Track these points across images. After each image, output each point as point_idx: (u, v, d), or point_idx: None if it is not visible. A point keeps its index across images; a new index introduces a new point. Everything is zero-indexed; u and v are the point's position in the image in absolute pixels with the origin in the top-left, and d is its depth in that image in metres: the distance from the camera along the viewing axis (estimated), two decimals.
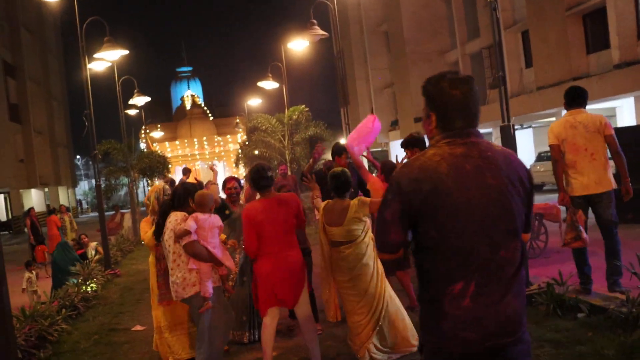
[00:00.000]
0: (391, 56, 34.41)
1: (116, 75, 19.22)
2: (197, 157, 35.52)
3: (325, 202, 5.41)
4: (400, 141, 6.77)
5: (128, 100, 21.44)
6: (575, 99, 6.17)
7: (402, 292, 6.46)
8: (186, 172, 15.01)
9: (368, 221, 5.28)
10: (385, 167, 6.86)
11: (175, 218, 4.98)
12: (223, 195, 7.31)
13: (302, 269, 5.17)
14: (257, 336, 6.30)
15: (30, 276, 10.20)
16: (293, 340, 6.17)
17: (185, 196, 5.14)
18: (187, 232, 4.82)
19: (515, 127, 34.24)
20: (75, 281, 9.79)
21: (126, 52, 12.60)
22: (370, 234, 5.33)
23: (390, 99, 35.84)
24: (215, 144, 35.17)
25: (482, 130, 13.42)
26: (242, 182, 7.95)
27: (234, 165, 21.74)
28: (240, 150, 24.02)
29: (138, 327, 7.61)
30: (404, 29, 31.35)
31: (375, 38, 36.70)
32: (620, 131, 12.69)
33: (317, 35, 13.05)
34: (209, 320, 4.92)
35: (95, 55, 12.85)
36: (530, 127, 30.84)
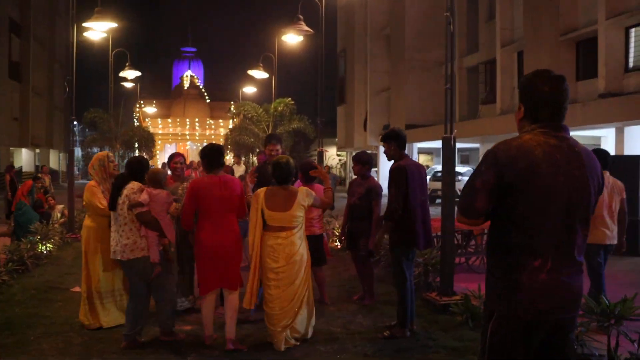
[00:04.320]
0: (391, 61, 34.64)
1: (110, 46, 19.50)
2: (187, 137, 35.81)
3: (265, 188, 5.57)
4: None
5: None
6: None
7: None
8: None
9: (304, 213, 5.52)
10: (304, 167, 6.82)
11: (131, 186, 5.40)
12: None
13: (235, 250, 5.41)
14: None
15: None
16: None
17: (141, 170, 5.61)
18: (141, 204, 5.26)
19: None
20: (32, 239, 10.05)
21: (115, 24, 12.86)
22: (304, 225, 5.59)
23: (385, 102, 36.07)
24: (207, 126, 35.41)
25: (468, 145, 13.76)
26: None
27: None
28: (228, 135, 24.26)
29: (77, 289, 7.84)
30: (406, 36, 31.57)
31: (378, 41, 36.89)
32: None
33: (303, 30, 13.32)
34: (160, 281, 5.45)
35: (84, 25, 13.09)
36: None
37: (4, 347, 5.39)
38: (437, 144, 31.85)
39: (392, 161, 5.96)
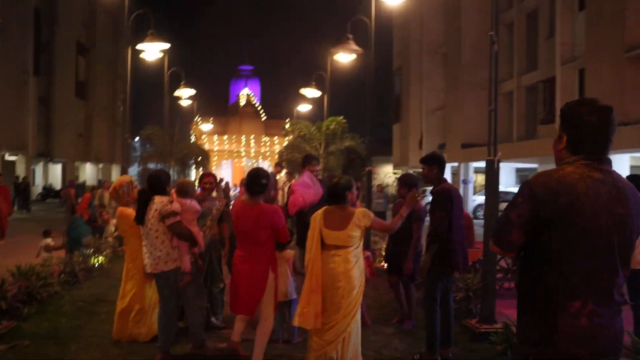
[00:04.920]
0: (447, 79, 34.31)
1: (166, 65, 20.04)
2: (243, 153, 36.51)
3: (324, 208, 5.55)
4: (446, 164, 6.87)
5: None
6: None
7: None
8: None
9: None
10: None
11: (160, 200, 5.53)
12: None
13: (260, 282, 5.35)
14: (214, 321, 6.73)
15: (48, 243, 10.73)
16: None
17: (161, 184, 5.72)
18: (174, 213, 5.37)
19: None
20: (86, 252, 10.39)
21: (167, 45, 13.25)
22: (361, 247, 5.57)
23: (440, 121, 35.68)
24: (262, 143, 36.07)
25: (526, 165, 13.80)
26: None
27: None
28: (282, 153, 24.56)
29: None
30: (463, 54, 31.18)
31: (434, 59, 36.61)
32: None
33: (352, 50, 13.39)
34: (191, 291, 5.54)
35: (137, 47, 13.54)
36: None
37: (46, 356, 5.58)
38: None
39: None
